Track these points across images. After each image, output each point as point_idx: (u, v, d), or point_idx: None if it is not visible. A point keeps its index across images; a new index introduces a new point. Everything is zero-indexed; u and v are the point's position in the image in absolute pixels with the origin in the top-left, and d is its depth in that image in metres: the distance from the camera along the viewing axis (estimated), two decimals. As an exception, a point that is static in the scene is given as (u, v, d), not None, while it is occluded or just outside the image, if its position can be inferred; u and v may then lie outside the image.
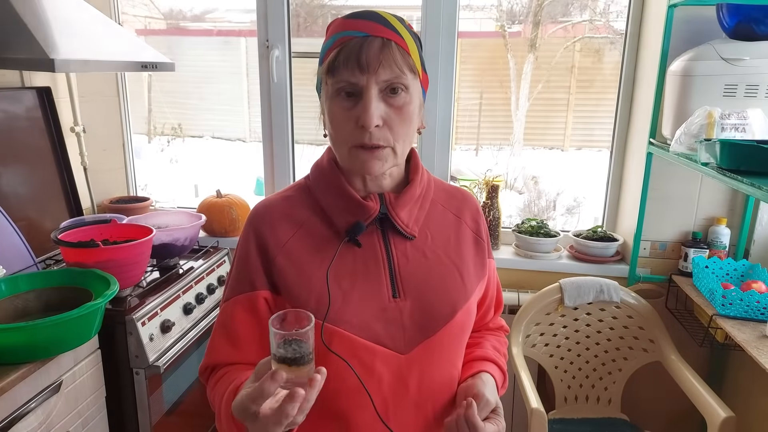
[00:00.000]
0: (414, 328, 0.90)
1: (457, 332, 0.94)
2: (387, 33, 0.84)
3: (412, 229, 0.95)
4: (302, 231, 0.94)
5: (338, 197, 0.94)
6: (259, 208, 0.97)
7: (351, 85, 0.84)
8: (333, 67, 0.84)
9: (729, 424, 1.60)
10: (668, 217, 2.07)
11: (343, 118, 0.86)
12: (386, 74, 0.83)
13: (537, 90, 2.47)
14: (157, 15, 2.72)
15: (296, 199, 0.98)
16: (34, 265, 1.77)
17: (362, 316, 0.88)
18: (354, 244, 0.92)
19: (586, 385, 2.09)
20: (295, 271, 0.91)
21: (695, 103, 1.69)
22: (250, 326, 0.92)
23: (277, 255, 0.92)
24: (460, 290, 0.95)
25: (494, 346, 1.07)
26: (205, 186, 2.99)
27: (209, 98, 2.83)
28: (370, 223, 0.92)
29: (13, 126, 2.02)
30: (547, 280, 2.10)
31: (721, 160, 1.34)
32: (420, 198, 0.97)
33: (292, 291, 0.90)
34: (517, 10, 2.42)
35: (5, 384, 1.27)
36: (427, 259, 0.95)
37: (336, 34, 0.86)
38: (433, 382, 0.92)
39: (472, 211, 1.05)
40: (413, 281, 0.92)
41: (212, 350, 0.95)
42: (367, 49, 0.83)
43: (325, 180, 0.96)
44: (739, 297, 1.68)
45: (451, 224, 1.01)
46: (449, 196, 1.05)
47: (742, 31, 1.69)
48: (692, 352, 2.01)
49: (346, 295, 0.89)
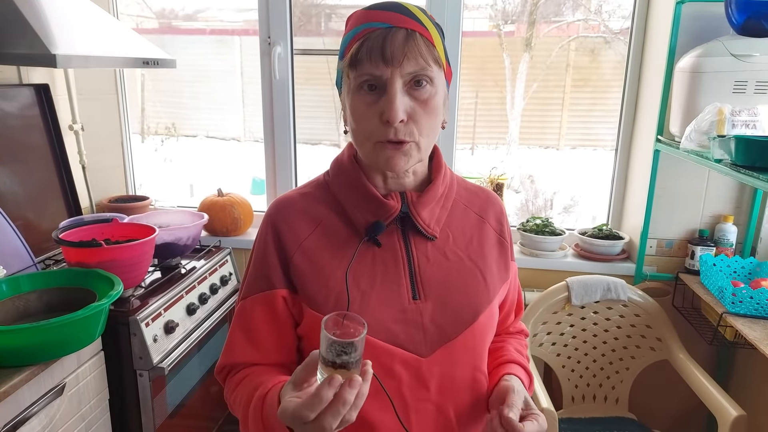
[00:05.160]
0: (435, 330, 0.87)
1: (479, 335, 0.91)
2: (411, 24, 0.81)
3: (433, 230, 0.92)
4: (320, 229, 0.91)
5: (358, 195, 0.91)
6: (276, 205, 0.95)
7: (374, 78, 0.81)
8: (355, 60, 0.81)
9: (740, 423, 1.59)
10: (675, 214, 2.06)
11: (367, 113, 0.82)
12: (411, 66, 0.80)
13: (532, 89, 2.46)
14: (149, 14, 2.70)
15: (315, 195, 0.95)
16: (34, 265, 1.73)
17: (381, 317, 0.86)
18: (374, 243, 0.90)
19: (594, 384, 2.08)
20: (312, 270, 0.88)
21: (704, 100, 1.68)
22: (269, 325, 0.91)
23: (294, 253, 0.90)
24: (482, 292, 0.93)
25: (516, 349, 1.05)
26: (200, 185, 2.96)
27: (203, 97, 2.80)
28: (391, 222, 0.90)
29: (11, 124, 1.97)
30: (553, 279, 2.09)
31: (736, 156, 1.33)
32: (442, 197, 0.94)
33: (309, 290, 0.88)
34: (511, 9, 2.41)
35: (8, 387, 1.24)
36: (449, 260, 0.92)
37: (358, 26, 0.83)
38: (454, 384, 0.90)
39: (496, 212, 1.02)
40: (434, 283, 0.90)
41: (231, 349, 0.93)
42: (391, 41, 0.79)
43: (345, 177, 0.93)
44: (750, 295, 1.67)
45: (473, 224, 0.98)
46: (472, 195, 1.02)
47: (752, 27, 1.68)
48: (699, 350, 2.01)
49: (365, 296, 0.87)
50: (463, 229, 0.96)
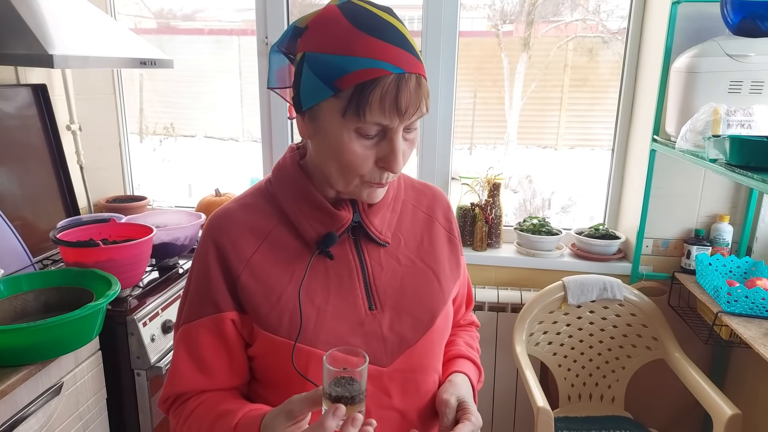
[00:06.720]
0: (394, 339, 0.86)
1: (437, 337, 0.91)
2: (419, 67, 0.76)
3: (385, 236, 0.90)
4: (268, 243, 0.85)
5: (307, 206, 0.86)
6: (216, 219, 0.87)
7: (380, 126, 0.76)
8: (364, 104, 0.73)
9: (735, 422, 1.59)
10: (671, 214, 2.07)
11: (364, 155, 0.78)
12: (415, 115, 0.77)
13: (530, 89, 2.47)
14: (148, 14, 2.70)
15: (258, 207, 0.88)
16: (31, 265, 1.74)
17: (338, 332, 0.83)
18: (326, 256, 0.86)
19: (590, 384, 2.08)
20: (262, 289, 0.83)
21: (700, 100, 1.68)
22: (218, 351, 0.85)
23: (241, 272, 0.83)
24: (437, 294, 0.91)
25: (466, 342, 1.05)
26: (198, 185, 2.97)
27: (201, 97, 2.81)
28: (343, 233, 0.86)
29: (8, 124, 1.98)
30: (550, 278, 2.10)
31: (730, 156, 1.33)
32: (392, 201, 0.92)
33: (261, 311, 0.82)
34: (509, 9, 2.42)
35: (5, 387, 1.24)
36: (402, 265, 0.90)
37: (367, 59, 0.73)
38: (417, 390, 0.88)
39: (443, 209, 1.00)
40: (389, 291, 0.88)
41: (178, 378, 0.86)
42: (404, 91, 0.74)
43: (292, 186, 0.87)
44: (745, 294, 1.68)
45: (423, 224, 0.96)
46: (419, 193, 1.00)
47: (747, 27, 1.69)
48: (695, 349, 2.01)
49: (320, 312, 0.83)
50: (413, 231, 0.95)
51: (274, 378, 0.86)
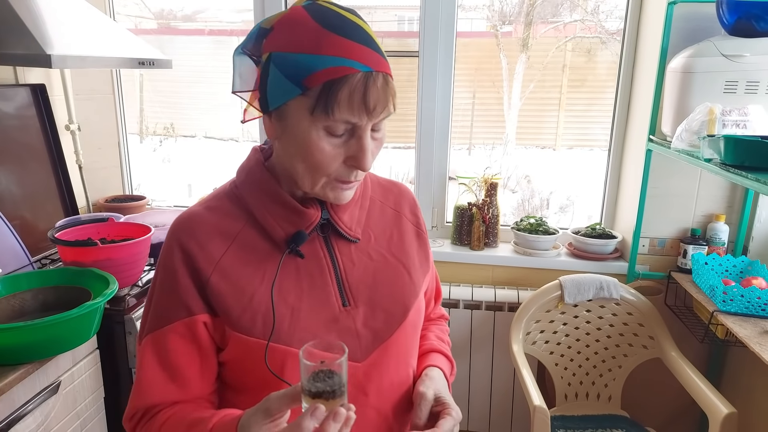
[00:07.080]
0: (369, 334, 0.86)
1: (410, 331, 0.92)
2: (385, 66, 0.78)
3: (355, 232, 0.90)
4: (236, 245, 0.84)
5: (275, 205, 0.85)
6: (181, 222, 0.86)
7: (350, 124, 0.76)
8: (333, 102, 0.73)
9: (731, 420, 1.60)
10: (667, 214, 2.07)
11: (333, 154, 0.78)
12: (383, 114, 0.77)
13: (529, 89, 2.48)
14: (148, 15, 2.71)
15: (224, 209, 0.87)
16: (30, 264, 1.75)
17: (314, 330, 0.83)
18: (296, 255, 0.85)
19: (587, 382, 2.09)
20: (233, 290, 0.82)
21: (695, 100, 1.69)
22: (192, 357, 0.83)
23: (211, 274, 0.82)
24: (409, 288, 0.93)
25: (437, 336, 1.06)
26: (198, 185, 2.98)
27: (201, 98, 2.82)
28: (312, 231, 0.86)
29: (7, 124, 1.99)
30: (546, 278, 2.10)
31: (725, 156, 1.34)
32: (360, 197, 0.93)
33: (233, 313, 0.81)
34: (508, 10, 2.42)
35: (3, 385, 1.25)
36: (373, 260, 0.91)
37: (335, 57, 0.73)
38: (392, 384, 0.89)
39: (410, 204, 1.02)
40: (362, 287, 0.88)
41: (147, 390, 0.82)
42: (372, 90, 0.75)
43: (258, 187, 0.86)
44: (740, 293, 1.69)
45: (391, 220, 0.98)
46: (386, 190, 1.01)
47: (742, 27, 1.70)
48: (691, 348, 2.02)
49: (294, 311, 0.83)
50: (382, 227, 0.96)
51: (249, 382, 0.86)
